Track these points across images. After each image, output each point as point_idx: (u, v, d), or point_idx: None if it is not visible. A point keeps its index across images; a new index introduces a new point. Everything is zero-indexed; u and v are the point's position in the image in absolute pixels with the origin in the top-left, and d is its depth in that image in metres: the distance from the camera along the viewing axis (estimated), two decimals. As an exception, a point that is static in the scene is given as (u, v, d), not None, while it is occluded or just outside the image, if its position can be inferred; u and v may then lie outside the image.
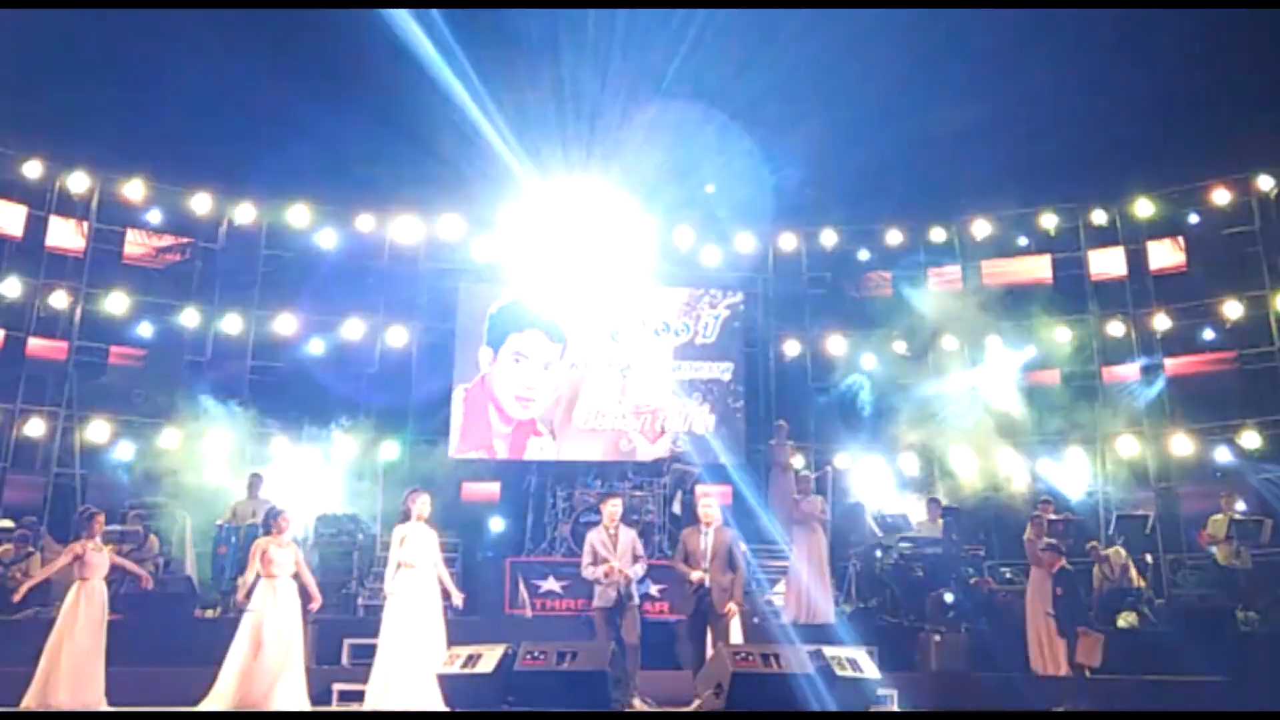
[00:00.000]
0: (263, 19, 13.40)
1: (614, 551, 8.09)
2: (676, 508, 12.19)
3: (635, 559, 8.15)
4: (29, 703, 7.60)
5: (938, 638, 9.49)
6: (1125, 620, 10.63)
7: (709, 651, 7.67)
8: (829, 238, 15.37)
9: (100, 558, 8.08)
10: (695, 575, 7.85)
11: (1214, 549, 11.60)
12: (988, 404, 14.33)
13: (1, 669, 8.70)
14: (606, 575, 7.99)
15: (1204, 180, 13.96)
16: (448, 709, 6.94)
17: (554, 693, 6.58)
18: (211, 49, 13.48)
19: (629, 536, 8.26)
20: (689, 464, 12.89)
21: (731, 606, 7.83)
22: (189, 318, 14.22)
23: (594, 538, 8.23)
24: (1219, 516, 11.62)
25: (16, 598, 8.41)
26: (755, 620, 10.42)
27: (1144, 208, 14.27)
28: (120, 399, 13.60)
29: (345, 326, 14.63)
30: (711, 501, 8.24)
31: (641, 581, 8.64)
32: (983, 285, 14.94)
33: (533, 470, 13.46)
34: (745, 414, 14.66)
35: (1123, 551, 11.46)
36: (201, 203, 14.34)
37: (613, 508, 8.37)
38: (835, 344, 15.18)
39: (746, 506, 13.61)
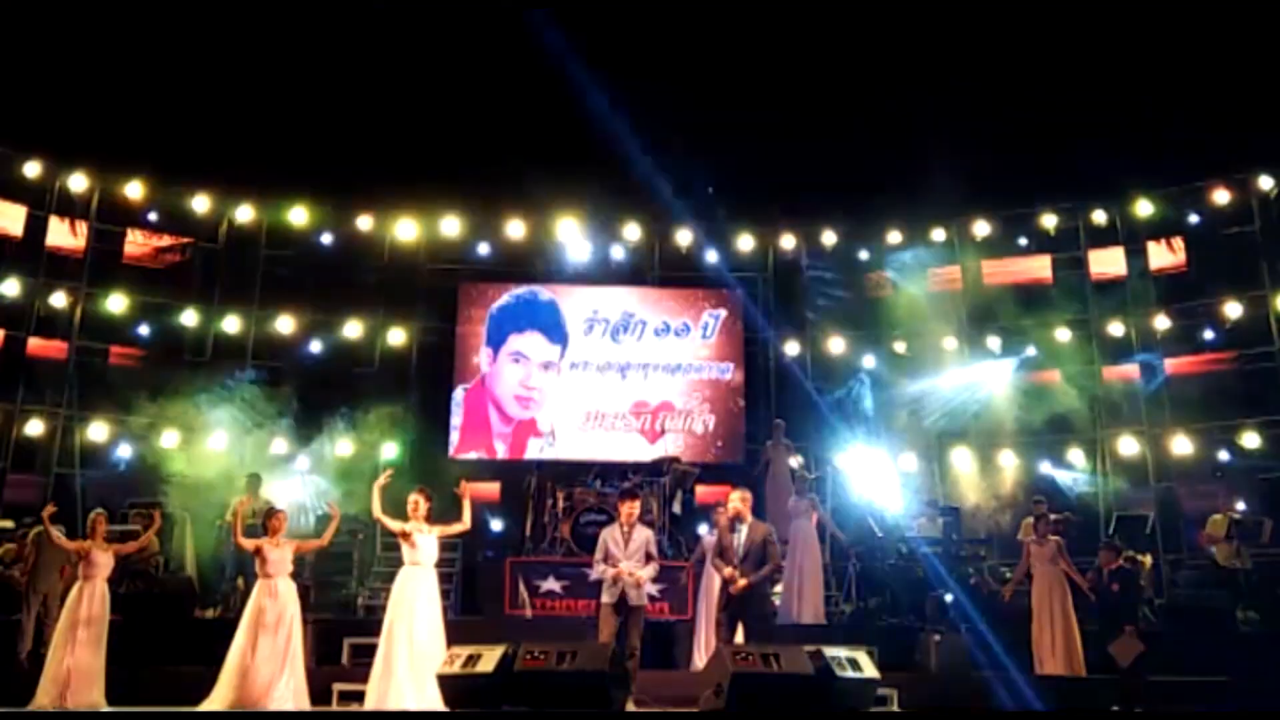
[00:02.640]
0: (262, 18, 13.40)
1: (624, 549, 7.98)
2: (676, 508, 12.18)
3: (648, 559, 8.04)
4: (33, 703, 7.60)
5: (938, 638, 9.49)
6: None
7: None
8: (829, 238, 15.36)
9: (104, 558, 8.08)
10: (726, 571, 7.79)
11: (1214, 549, 11.59)
12: (988, 404, 14.34)
13: (3, 669, 8.75)
14: (615, 579, 7.92)
15: (1204, 180, 13.94)
16: (448, 709, 6.93)
17: (554, 693, 6.57)
18: (212, 49, 13.50)
19: (643, 536, 8.11)
20: (689, 464, 12.88)
21: (739, 579, 7.73)
22: (189, 318, 14.23)
23: (607, 534, 8.15)
24: (1218, 516, 11.62)
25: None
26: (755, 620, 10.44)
27: (1144, 208, 14.25)
28: (120, 399, 13.60)
29: (345, 326, 14.64)
30: (734, 496, 8.09)
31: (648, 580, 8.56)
32: (983, 285, 14.94)
33: (533, 470, 13.46)
34: (745, 414, 14.67)
35: (1148, 560, 11.51)
36: (201, 203, 14.34)
37: (629, 508, 8.20)
38: (835, 344, 15.17)
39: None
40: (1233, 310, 13.65)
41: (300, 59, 13.77)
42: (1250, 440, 13.17)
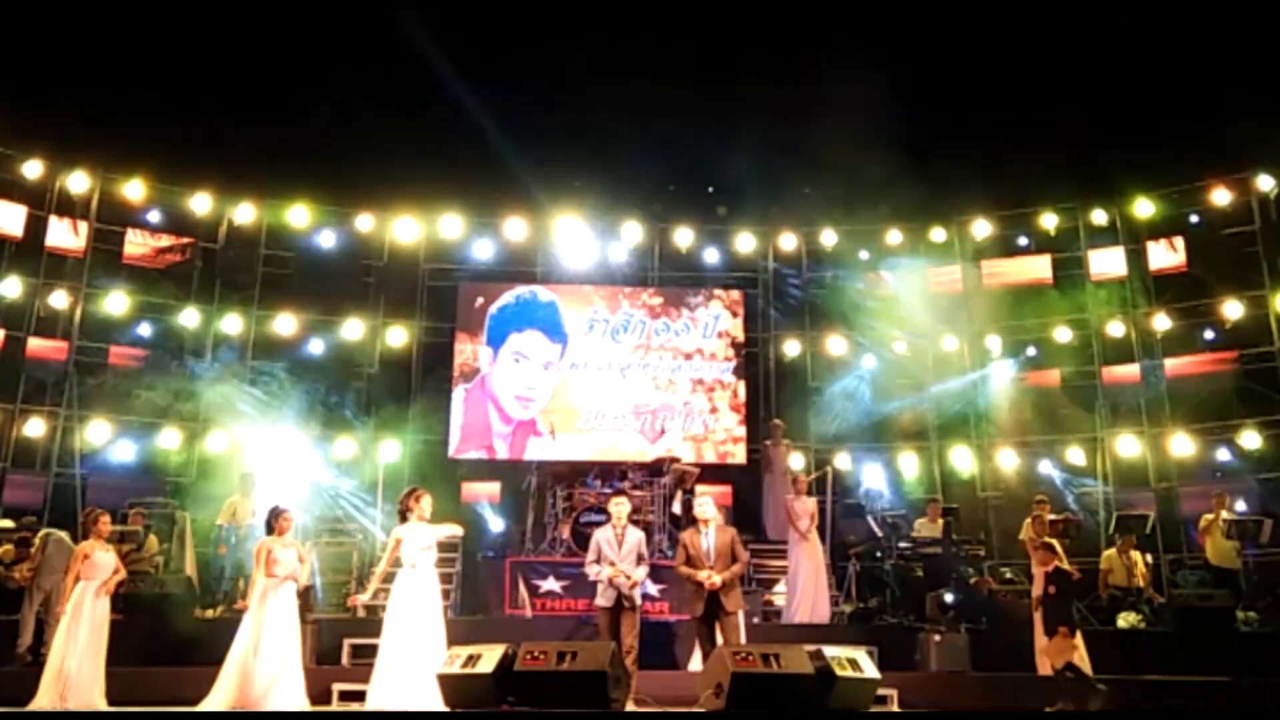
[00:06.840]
0: (262, 18, 13.40)
1: (618, 552, 8.06)
2: (676, 508, 12.18)
3: (639, 560, 8.11)
4: (32, 703, 7.60)
5: (938, 638, 9.48)
6: (1125, 620, 10.63)
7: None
8: (829, 238, 15.36)
9: (106, 558, 8.07)
10: (701, 576, 7.79)
11: (1205, 544, 11.57)
12: (988, 404, 14.34)
13: (3, 669, 8.75)
14: (611, 580, 7.97)
15: (1204, 180, 13.95)
16: (448, 709, 6.94)
17: (554, 693, 6.58)
18: (211, 48, 13.50)
19: (636, 537, 8.21)
20: (689, 464, 12.88)
21: (715, 579, 7.75)
22: (189, 318, 14.23)
23: (600, 536, 8.21)
24: (1209, 515, 11.64)
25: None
26: (755, 620, 10.45)
27: (1144, 208, 14.26)
28: (120, 399, 13.59)
29: (345, 326, 14.64)
30: (706, 500, 8.25)
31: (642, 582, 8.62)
32: (983, 285, 14.94)
33: (533, 470, 13.47)
34: (745, 414, 14.66)
35: (1146, 558, 11.52)
36: (201, 203, 14.35)
37: (617, 507, 8.30)
38: (835, 344, 15.17)
39: (746, 507, 13.67)
40: (1233, 310, 13.65)
41: (300, 58, 13.77)
42: (1250, 440, 13.17)
